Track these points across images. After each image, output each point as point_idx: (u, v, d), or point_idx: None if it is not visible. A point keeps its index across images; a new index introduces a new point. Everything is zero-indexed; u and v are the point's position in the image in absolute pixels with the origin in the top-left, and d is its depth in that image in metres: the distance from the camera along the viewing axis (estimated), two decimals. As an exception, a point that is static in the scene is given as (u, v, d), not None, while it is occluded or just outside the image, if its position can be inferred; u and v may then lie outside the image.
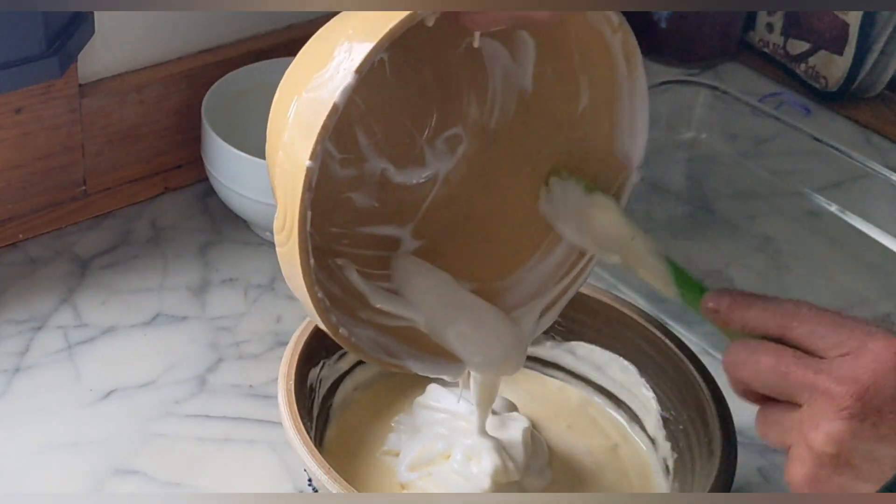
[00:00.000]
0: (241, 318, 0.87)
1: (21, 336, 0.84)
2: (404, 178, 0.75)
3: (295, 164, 0.59)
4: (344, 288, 0.69)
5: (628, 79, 0.68)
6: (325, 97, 0.59)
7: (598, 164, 0.72)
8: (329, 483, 0.65)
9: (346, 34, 0.60)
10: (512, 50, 0.72)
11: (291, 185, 0.59)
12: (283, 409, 0.69)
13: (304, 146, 0.59)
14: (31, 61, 0.82)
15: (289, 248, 0.61)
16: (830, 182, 1.02)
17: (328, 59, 0.60)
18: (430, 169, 0.75)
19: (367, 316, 0.69)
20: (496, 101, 0.74)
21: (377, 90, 0.72)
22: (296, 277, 0.62)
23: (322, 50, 0.62)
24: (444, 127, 0.75)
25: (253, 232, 0.95)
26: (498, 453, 0.71)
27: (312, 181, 0.59)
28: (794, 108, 1.16)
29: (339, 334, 0.65)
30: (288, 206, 0.60)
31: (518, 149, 0.74)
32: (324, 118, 0.58)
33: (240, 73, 0.95)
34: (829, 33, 1.15)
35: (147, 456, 0.77)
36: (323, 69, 0.60)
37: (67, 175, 0.92)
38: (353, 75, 0.58)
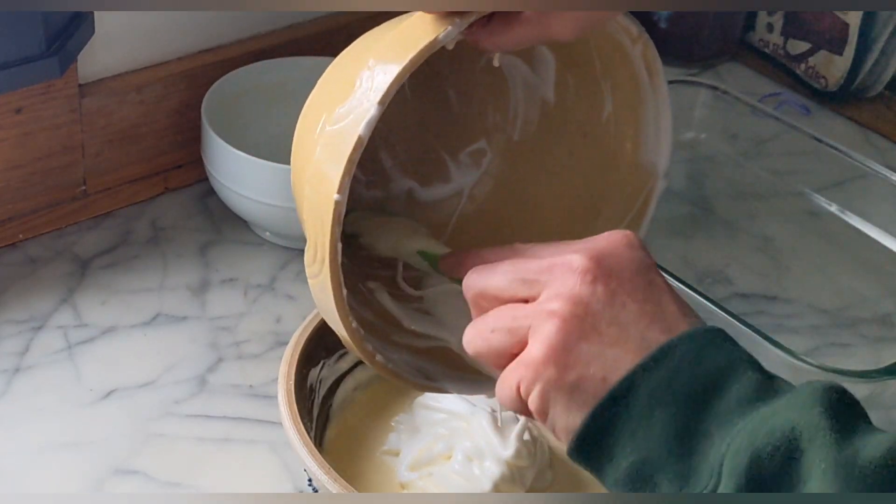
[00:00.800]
0: (241, 318, 0.87)
1: (21, 336, 0.84)
2: (430, 196, 0.75)
3: (323, 198, 0.59)
4: (376, 312, 0.69)
5: (651, 88, 0.69)
6: (349, 130, 0.58)
7: (626, 173, 0.72)
8: (329, 483, 0.65)
9: (367, 64, 0.60)
10: (531, 63, 0.72)
11: (320, 219, 0.59)
12: (283, 409, 0.69)
13: (332, 180, 0.59)
14: (31, 61, 0.82)
15: (321, 280, 0.61)
16: (830, 182, 1.02)
17: (350, 89, 0.60)
18: (455, 184, 0.76)
19: (400, 339, 0.69)
20: (518, 112, 0.74)
21: (398, 110, 0.72)
22: (329, 309, 0.62)
23: (343, 80, 0.61)
24: (468, 141, 0.75)
25: (253, 232, 0.95)
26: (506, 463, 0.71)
27: (341, 214, 0.59)
28: (794, 108, 1.16)
29: (375, 361, 0.65)
30: (318, 240, 0.60)
31: (544, 159, 0.74)
32: (349, 151, 0.58)
33: (240, 73, 0.95)
34: (829, 33, 1.15)
35: (147, 456, 0.77)
36: (345, 101, 0.60)
37: (67, 175, 0.92)
38: (377, 107, 0.58)
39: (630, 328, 0.55)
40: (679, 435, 0.52)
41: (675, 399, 0.53)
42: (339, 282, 0.60)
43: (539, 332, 0.55)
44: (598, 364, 0.54)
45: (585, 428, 0.54)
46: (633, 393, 0.53)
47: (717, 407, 0.52)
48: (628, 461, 0.53)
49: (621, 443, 0.53)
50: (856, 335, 0.91)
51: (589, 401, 0.54)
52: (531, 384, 0.55)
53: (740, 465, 0.50)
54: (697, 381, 0.53)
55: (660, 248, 0.95)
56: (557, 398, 0.55)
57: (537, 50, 0.71)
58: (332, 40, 1.01)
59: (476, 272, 0.60)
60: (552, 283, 0.56)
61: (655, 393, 0.53)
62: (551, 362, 0.55)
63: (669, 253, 0.96)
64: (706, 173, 1.07)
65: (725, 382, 0.53)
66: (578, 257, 0.56)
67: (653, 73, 0.68)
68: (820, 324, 0.92)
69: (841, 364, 0.80)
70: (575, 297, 0.55)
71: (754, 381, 0.53)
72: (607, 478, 0.54)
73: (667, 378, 0.53)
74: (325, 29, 1.01)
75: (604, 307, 0.55)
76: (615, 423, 0.53)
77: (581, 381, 0.54)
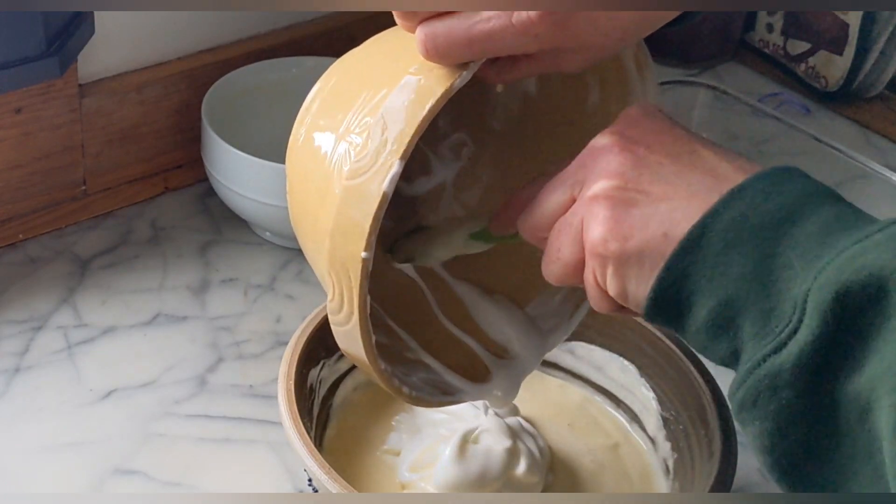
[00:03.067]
0: (241, 318, 0.87)
1: (21, 336, 0.84)
2: (414, 190, 0.74)
3: (348, 256, 0.58)
4: (387, 332, 0.69)
5: (640, 81, 0.68)
6: (373, 187, 0.57)
7: None
8: (329, 483, 0.65)
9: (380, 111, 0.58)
10: None
11: (346, 274, 0.59)
12: (283, 409, 0.69)
13: (358, 239, 0.58)
14: (31, 61, 0.82)
15: (349, 329, 0.61)
16: (830, 182, 1.01)
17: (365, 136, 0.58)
18: (438, 177, 0.75)
19: (413, 355, 0.70)
20: (499, 103, 0.74)
21: None
22: (359, 356, 0.63)
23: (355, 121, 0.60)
24: (447, 133, 0.75)
25: (253, 232, 0.95)
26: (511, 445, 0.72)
27: (369, 270, 0.58)
28: (794, 108, 1.16)
29: (402, 394, 0.66)
30: (345, 292, 0.59)
31: (527, 147, 0.74)
32: (374, 209, 0.57)
33: (240, 73, 0.95)
34: (829, 33, 1.15)
35: (147, 456, 0.77)
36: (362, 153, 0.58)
37: (67, 175, 0.92)
38: (398, 163, 0.56)
39: (673, 181, 0.54)
40: (758, 270, 0.51)
41: (751, 235, 0.51)
42: (368, 331, 0.60)
43: (590, 220, 0.55)
44: (655, 223, 0.53)
45: (659, 284, 0.53)
46: (705, 238, 0.51)
47: (796, 236, 0.51)
48: (707, 307, 0.52)
49: (699, 290, 0.52)
50: (856, 335, 0.91)
51: (658, 261, 0.53)
52: (603, 270, 0.55)
53: (825, 300, 0.48)
54: (773, 214, 0.51)
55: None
56: (629, 272, 0.54)
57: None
58: (332, 40, 1.01)
59: (523, 217, 0.60)
60: (587, 175, 0.56)
61: (728, 234, 0.51)
62: (609, 239, 0.54)
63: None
64: (706, 173, 1.07)
65: (803, 212, 0.51)
66: (599, 138, 0.56)
67: (641, 65, 0.68)
68: (820, 324, 0.92)
69: (841, 364, 0.80)
70: (608, 172, 0.54)
71: (836, 210, 0.52)
72: (688, 330, 0.53)
73: (739, 218, 0.51)
74: (325, 29, 1.01)
75: (640, 171, 0.54)
76: (689, 272, 0.52)
77: (644, 245, 0.53)
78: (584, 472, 0.76)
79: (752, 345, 0.50)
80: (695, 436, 0.73)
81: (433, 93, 0.57)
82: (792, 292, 0.50)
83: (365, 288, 0.59)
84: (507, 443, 0.71)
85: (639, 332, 0.77)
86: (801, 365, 0.48)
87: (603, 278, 0.55)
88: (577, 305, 0.73)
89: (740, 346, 0.51)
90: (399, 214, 0.74)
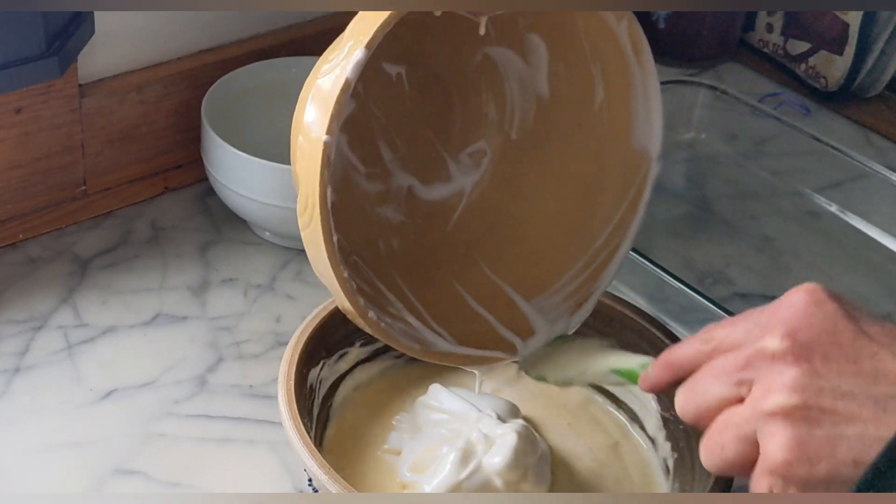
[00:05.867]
0: (241, 318, 0.87)
1: (21, 336, 0.84)
2: (431, 194, 0.75)
3: (312, 142, 0.60)
4: (376, 290, 0.69)
5: (639, 68, 0.69)
6: (337, 74, 0.60)
7: (620, 160, 0.72)
8: (329, 483, 0.65)
9: (351, 29, 0.62)
10: (524, 55, 0.72)
11: (311, 164, 0.60)
12: (283, 409, 0.69)
13: (321, 123, 0.60)
14: (31, 61, 0.82)
15: (312, 228, 0.61)
16: (830, 182, 1.02)
17: (339, 47, 0.61)
18: (456, 184, 0.76)
19: (396, 312, 0.70)
20: (516, 110, 0.75)
21: (397, 104, 0.73)
22: (320, 257, 0.62)
23: (334, 46, 0.63)
24: (467, 142, 0.76)
25: (253, 232, 0.95)
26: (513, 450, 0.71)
27: (330, 155, 0.60)
28: (794, 108, 1.16)
29: (368, 319, 0.65)
30: (309, 185, 0.61)
31: (541, 153, 0.75)
32: (338, 93, 0.59)
33: (240, 73, 0.95)
34: (829, 33, 1.15)
35: (147, 456, 0.77)
36: (334, 54, 0.61)
37: (67, 175, 0.92)
38: (364, 50, 0.59)
39: (857, 396, 0.51)
40: None
41: None
42: (329, 226, 0.61)
43: (768, 437, 0.52)
44: (844, 448, 0.51)
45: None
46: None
47: None
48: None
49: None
50: (856, 335, 0.91)
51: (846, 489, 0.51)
52: (783, 489, 0.53)
53: None
54: None
55: (660, 249, 0.95)
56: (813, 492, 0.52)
57: (529, 39, 0.72)
58: (332, 40, 1.01)
59: (682, 395, 0.58)
60: (758, 379, 0.54)
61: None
62: (795, 463, 0.51)
63: (669, 253, 0.96)
64: (706, 173, 1.07)
65: None
66: (772, 340, 0.53)
67: (638, 51, 0.68)
68: (820, 324, 0.92)
69: (841, 364, 0.80)
70: (784, 386, 0.52)
71: None
72: None
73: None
74: (325, 29, 1.01)
75: (819, 386, 0.52)
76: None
77: (834, 472, 0.51)
78: (584, 472, 0.76)
79: None
80: (695, 436, 0.72)
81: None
82: None
83: (325, 175, 0.60)
84: (510, 456, 0.70)
85: (639, 333, 0.77)
86: None
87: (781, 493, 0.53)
88: (579, 304, 0.74)
89: None
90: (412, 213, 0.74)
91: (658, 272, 0.85)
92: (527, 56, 0.73)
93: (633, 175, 0.72)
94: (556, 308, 0.74)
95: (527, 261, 0.75)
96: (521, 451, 0.70)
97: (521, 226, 0.76)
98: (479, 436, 0.71)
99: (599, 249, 0.74)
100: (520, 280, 0.74)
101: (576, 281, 0.74)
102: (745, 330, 0.56)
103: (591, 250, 0.74)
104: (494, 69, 0.74)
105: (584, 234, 0.74)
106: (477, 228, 0.76)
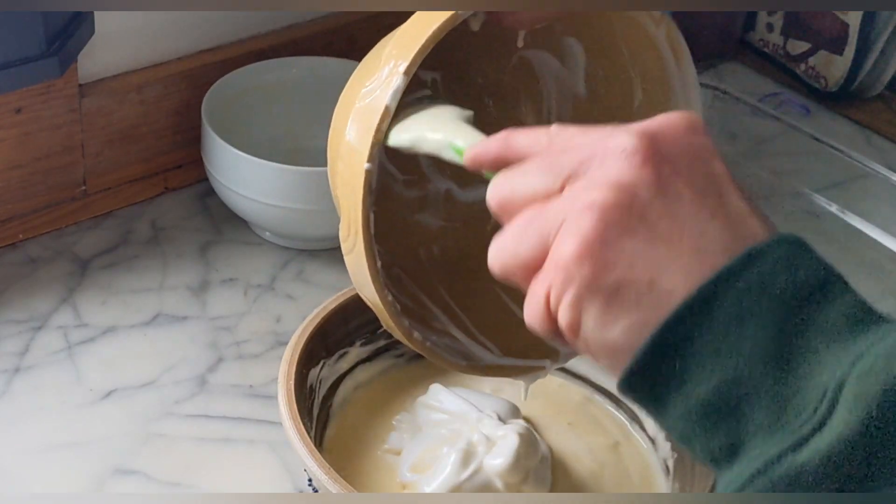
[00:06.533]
0: (241, 318, 0.87)
1: (21, 336, 0.84)
2: (469, 197, 0.75)
3: (353, 170, 0.60)
4: (419, 304, 0.69)
5: (678, 70, 0.69)
6: (376, 103, 0.60)
7: None
8: (329, 483, 0.65)
9: (389, 50, 0.61)
10: (561, 57, 0.72)
11: (352, 191, 0.60)
12: (283, 409, 0.69)
13: (361, 151, 0.60)
14: (31, 61, 0.82)
15: (356, 253, 0.61)
16: (830, 182, 1.02)
17: (375, 71, 0.61)
18: None
19: (441, 326, 0.70)
20: (552, 110, 0.75)
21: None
22: (365, 283, 0.63)
23: (369, 67, 0.63)
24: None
25: (253, 232, 0.95)
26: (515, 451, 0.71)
27: (372, 183, 0.60)
28: (794, 108, 1.16)
29: (413, 339, 0.65)
30: (351, 212, 0.61)
31: None
32: (377, 121, 0.60)
33: (240, 73, 0.95)
34: (829, 33, 1.15)
35: (147, 456, 0.77)
36: (371, 80, 0.61)
37: (67, 175, 0.92)
38: (402, 77, 0.59)
39: (686, 223, 0.45)
40: (778, 349, 0.43)
41: (770, 308, 0.43)
42: (372, 251, 0.61)
43: (572, 226, 0.46)
44: (645, 264, 0.45)
45: (651, 346, 0.44)
46: (717, 302, 0.43)
47: (820, 321, 0.44)
48: (708, 386, 0.43)
49: (698, 363, 0.43)
50: (856, 335, 0.91)
51: (631, 309, 0.45)
52: (561, 290, 0.46)
53: (870, 391, 0.41)
54: (797, 289, 0.44)
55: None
56: (592, 305, 0.45)
57: (565, 42, 0.72)
58: (332, 40, 1.01)
59: (501, 176, 0.50)
60: (592, 170, 0.46)
61: (745, 301, 0.43)
62: (585, 259, 0.45)
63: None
64: (706, 173, 1.07)
65: (827, 295, 0.44)
66: (626, 137, 0.46)
67: (678, 55, 0.68)
68: (820, 324, 0.92)
69: (841, 364, 0.80)
70: (619, 183, 0.45)
71: (857, 301, 0.45)
72: (671, 411, 0.45)
73: (757, 285, 0.44)
74: (325, 29, 1.01)
75: (654, 196, 0.45)
76: (691, 339, 0.44)
77: (622, 283, 0.45)
78: (584, 472, 0.75)
79: (763, 438, 0.43)
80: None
81: (439, 20, 0.59)
82: (817, 377, 0.42)
83: (368, 202, 0.60)
84: (511, 458, 0.70)
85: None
86: (830, 464, 0.41)
87: (557, 299, 0.46)
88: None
89: (743, 438, 0.43)
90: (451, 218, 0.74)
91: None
92: (563, 58, 0.72)
93: None
94: None
95: None
96: (522, 453, 0.70)
97: None
98: (480, 437, 0.71)
99: None
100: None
101: None
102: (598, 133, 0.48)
103: None
104: (530, 70, 0.74)
105: None
106: None
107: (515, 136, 0.52)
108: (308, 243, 0.93)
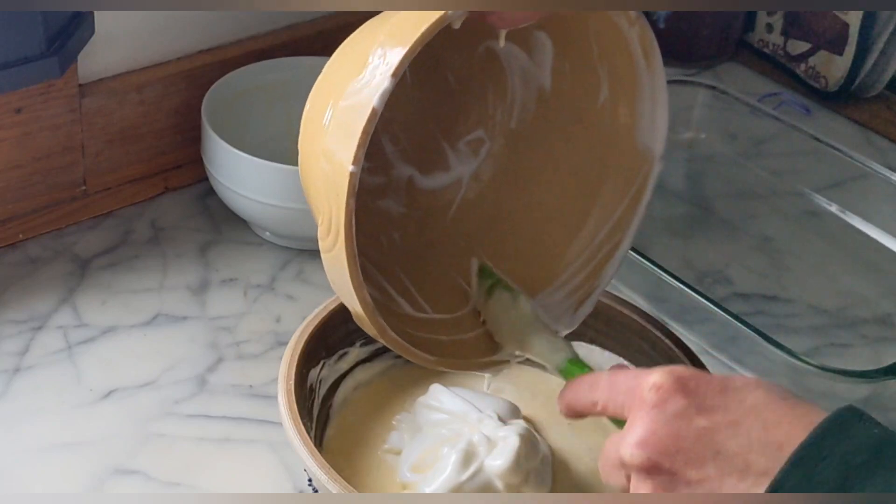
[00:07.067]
0: (241, 318, 0.87)
1: (21, 336, 0.84)
2: (430, 184, 0.75)
3: (338, 170, 0.60)
4: (381, 291, 0.69)
5: (648, 71, 0.69)
6: (363, 102, 0.59)
7: (622, 158, 0.72)
8: (329, 483, 0.65)
9: (379, 40, 0.61)
10: (529, 51, 0.72)
11: (335, 191, 0.60)
12: (283, 409, 0.69)
13: (347, 152, 0.59)
14: (31, 61, 0.82)
15: (335, 252, 0.61)
16: (830, 182, 1.02)
17: (363, 65, 0.61)
18: (454, 172, 0.76)
19: (403, 312, 0.70)
20: (516, 101, 0.74)
21: (399, 95, 0.73)
22: (343, 282, 0.63)
23: (355, 57, 0.63)
24: (466, 130, 0.76)
25: (253, 232, 0.95)
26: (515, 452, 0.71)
27: (356, 185, 0.59)
28: (794, 108, 1.16)
29: (388, 336, 0.65)
30: (333, 212, 0.61)
31: (540, 145, 0.75)
32: (364, 123, 0.59)
33: (240, 73, 0.95)
34: (829, 33, 1.15)
35: (147, 456, 0.77)
36: (358, 75, 0.61)
37: (67, 175, 0.92)
38: (390, 80, 0.59)
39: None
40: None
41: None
42: (353, 253, 0.61)
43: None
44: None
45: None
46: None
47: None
48: None
49: None
50: (856, 335, 0.91)
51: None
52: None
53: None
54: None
55: (659, 248, 0.95)
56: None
57: (535, 36, 0.72)
58: (332, 40, 1.00)
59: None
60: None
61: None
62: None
63: (669, 253, 0.96)
64: (705, 173, 1.07)
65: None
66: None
67: (649, 56, 0.68)
68: (820, 324, 0.92)
69: (841, 364, 0.80)
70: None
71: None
72: None
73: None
74: (325, 29, 1.01)
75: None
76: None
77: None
78: (584, 472, 0.75)
79: None
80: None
81: (428, 20, 0.59)
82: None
83: (351, 204, 0.60)
84: (512, 459, 0.70)
85: (639, 332, 0.77)
86: None
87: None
88: (580, 302, 0.74)
89: None
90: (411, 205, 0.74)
91: (657, 272, 0.85)
92: (531, 51, 0.72)
93: (634, 173, 0.72)
94: (559, 305, 0.74)
95: (527, 255, 0.75)
96: (522, 454, 0.70)
97: (520, 219, 0.76)
98: (481, 437, 0.71)
99: (600, 246, 0.74)
100: (522, 276, 0.74)
101: (577, 278, 0.74)
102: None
103: (591, 247, 0.74)
104: (497, 61, 0.74)
105: (584, 230, 0.74)
106: (476, 221, 0.76)
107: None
108: (308, 243, 0.93)
